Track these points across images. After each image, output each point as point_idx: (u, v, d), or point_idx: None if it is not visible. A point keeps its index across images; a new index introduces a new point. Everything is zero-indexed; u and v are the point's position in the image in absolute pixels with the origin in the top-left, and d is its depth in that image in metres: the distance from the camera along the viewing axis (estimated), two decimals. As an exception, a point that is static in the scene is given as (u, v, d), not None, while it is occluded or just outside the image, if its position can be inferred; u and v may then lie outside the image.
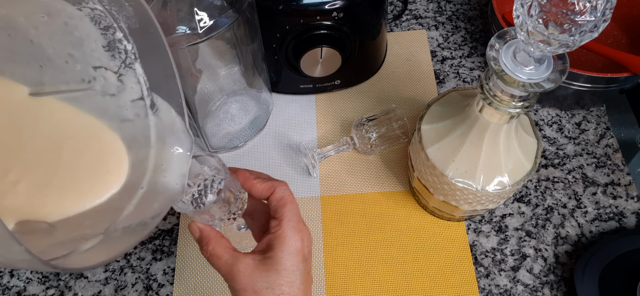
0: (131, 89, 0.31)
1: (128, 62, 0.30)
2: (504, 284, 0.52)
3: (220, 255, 0.34)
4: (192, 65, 0.51)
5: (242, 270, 0.34)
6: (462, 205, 0.48)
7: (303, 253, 0.35)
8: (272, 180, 0.37)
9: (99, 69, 0.30)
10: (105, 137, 0.30)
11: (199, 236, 0.36)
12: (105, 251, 0.27)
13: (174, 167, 0.32)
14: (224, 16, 0.45)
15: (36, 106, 0.28)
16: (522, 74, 0.36)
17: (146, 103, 0.32)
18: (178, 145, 0.32)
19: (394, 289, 0.52)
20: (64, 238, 0.27)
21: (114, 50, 0.30)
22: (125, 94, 0.31)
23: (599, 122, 0.62)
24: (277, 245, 0.34)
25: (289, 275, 0.34)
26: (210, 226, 0.36)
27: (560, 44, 0.32)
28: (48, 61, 0.28)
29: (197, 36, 0.44)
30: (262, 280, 0.33)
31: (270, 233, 0.35)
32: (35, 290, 0.53)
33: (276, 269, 0.33)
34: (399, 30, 0.72)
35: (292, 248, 0.34)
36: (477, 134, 0.43)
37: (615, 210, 0.56)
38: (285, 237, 0.34)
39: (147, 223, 0.29)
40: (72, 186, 0.28)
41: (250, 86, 0.60)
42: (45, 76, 0.28)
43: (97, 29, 0.29)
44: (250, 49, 0.53)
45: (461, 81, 0.67)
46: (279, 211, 0.36)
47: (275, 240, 0.35)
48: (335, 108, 0.64)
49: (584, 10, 0.30)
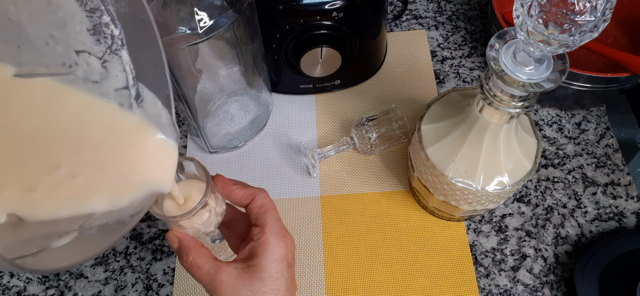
0: (116, 77, 0.29)
1: (114, 48, 0.29)
2: (504, 284, 0.52)
3: (201, 265, 0.33)
4: (192, 65, 0.51)
5: (225, 280, 0.33)
6: (462, 205, 0.48)
7: (287, 260, 0.34)
8: (251, 187, 0.37)
9: (82, 54, 0.28)
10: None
11: (178, 247, 0.35)
12: (78, 251, 0.25)
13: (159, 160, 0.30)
14: (224, 16, 0.45)
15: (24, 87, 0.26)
16: (522, 74, 0.36)
17: (131, 93, 0.30)
18: (165, 134, 0.30)
19: (394, 289, 0.52)
20: (35, 234, 0.25)
21: (100, 35, 0.28)
22: (109, 82, 0.29)
23: (599, 122, 0.62)
24: (261, 253, 0.33)
25: (273, 283, 0.33)
26: (189, 235, 0.35)
27: (560, 44, 0.32)
28: (27, 40, 0.26)
29: (197, 36, 0.44)
30: (246, 288, 0.32)
31: (252, 240, 0.34)
32: (35, 290, 0.53)
33: (260, 277, 0.33)
34: (399, 30, 0.72)
35: (276, 255, 0.34)
36: (477, 134, 0.43)
37: (615, 210, 0.56)
38: (269, 244, 0.34)
39: (126, 222, 0.28)
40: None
41: (250, 86, 0.60)
42: (23, 57, 0.26)
43: (83, 10, 0.27)
44: (250, 49, 0.53)
45: (461, 81, 0.67)
46: (261, 218, 0.35)
47: (258, 247, 0.34)
48: (335, 108, 0.64)
49: (584, 10, 0.30)
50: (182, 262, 0.34)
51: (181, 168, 0.34)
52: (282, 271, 0.34)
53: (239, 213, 0.40)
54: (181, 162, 0.34)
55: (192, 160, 0.34)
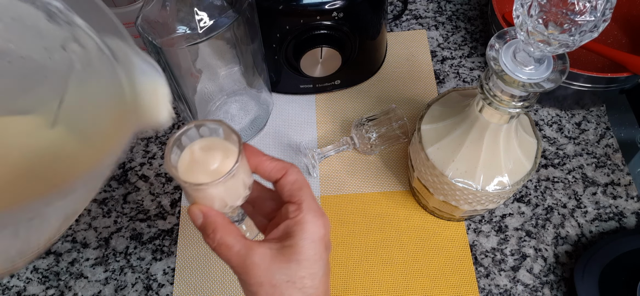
0: (91, 48, 0.28)
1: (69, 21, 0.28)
2: (504, 284, 0.52)
3: (230, 245, 0.30)
4: (192, 65, 0.51)
5: (258, 262, 0.29)
6: (462, 205, 0.48)
7: (325, 241, 0.31)
8: (282, 161, 0.33)
9: (63, 44, 0.28)
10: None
11: (202, 223, 0.31)
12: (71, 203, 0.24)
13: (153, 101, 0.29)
14: (224, 16, 0.45)
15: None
16: (522, 74, 0.36)
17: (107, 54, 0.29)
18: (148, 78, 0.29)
19: (394, 289, 0.52)
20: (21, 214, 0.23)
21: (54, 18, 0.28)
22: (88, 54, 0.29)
23: (599, 122, 0.62)
24: (298, 232, 0.30)
25: (311, 266, 0.30)
26: (216, 210, 0.31)
27: (560, 44, 0.32)
28: (43, 69, 0.26)
29: (197, 36, 0.44)
30: (281, 272, 0.29)
31: (288, 218, 0.31)
32: (35, 290, 0.53)
33: (297, 259, 0.29)
34: (399, 30, 0.72)
35: (315, 235, 0.30)
36: (477, 134, 0.43)
37: (615, 210, 0.56)
38: (307, 223, 0.30)
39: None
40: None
41: (250, 86, 0.60)
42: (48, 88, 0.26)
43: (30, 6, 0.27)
44: (250, 49, 0.53)
45: (461, 81, 0.67)
46: (296, 195, 0.32)
47: (295, 226, 0.30)
48: (335, 108, 0.64)
49: (584, 10, 0.30)
50: (208, 241, 0.31)
51: (207, 133, 0.32)
52: (320, 254, 0.31)
53: (265, 190, 0.37)
54: (207, 125, 0.31)
55: (221, 123, 0.31)
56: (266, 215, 0.36)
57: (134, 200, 0.58)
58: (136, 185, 0.59)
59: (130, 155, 0.62)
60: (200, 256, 0.54)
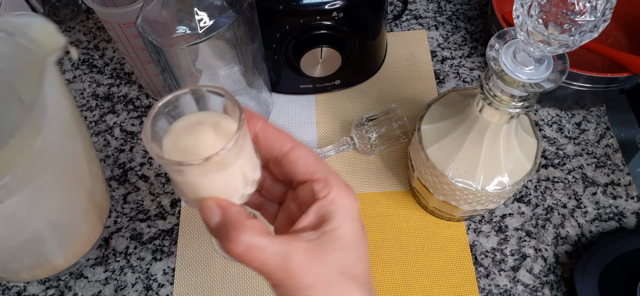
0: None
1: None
2: (504, 284, 0.52)
3: (264, 247, 0.23)
4: (192, 65, 0.51)
5: (302, 260, 0.23)
6: (462, 205, 0.48)
7: (359, 217, 0.27)
8: (285, 132, 0.28)
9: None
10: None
11: (219, 222, 0.24)
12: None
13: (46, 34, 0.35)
14: (224, 16, 0.45)
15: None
16: (522, 74, 0.36)
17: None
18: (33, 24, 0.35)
19: (394, 289, 0.52)
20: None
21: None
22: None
23: (599, 122, 0.62)
24: (335, 213, 0.25)
25: (357, 248, 0.25)
26: (237, 204, 0.25)
27: (560, 44, 0.32)
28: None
29: (197, 36, 0.44)
30: (331, 264, 0.24)
31: (318, 199, 0.25)
32: (35, 290, 0.53)
33: (342, 244, 0.25)
34: (399, 30, 0.72)
35: (352, 212, 0.26)
36: (477, 134, 0.43)
37: (615, 210, 0.56)
38: (341, 199, 0.25)
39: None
40: None
41: (250, 86, 0.60)
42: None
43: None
44: (250, 49, 0.53)
45: (461, 81, 0.67)
46: (316, 169, 0.26)
47: (330, 206, 0.25)
48: (335, 108, 0.64)
49: (584, 10, 0.30)
50: (231, 245, 0.23)
51: (204, 104, 0.26)
52: (361, 232, 0.26)
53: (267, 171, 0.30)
54: (203, 92, 0.25)
55: (222, 93, 0.25)
56: (275, 199, 0.30)
57: (134, 200, 0.58)
58: (136, 185, 0.59)
59: (130, 155, 0.62)
60: (200, 256, 0.54)
